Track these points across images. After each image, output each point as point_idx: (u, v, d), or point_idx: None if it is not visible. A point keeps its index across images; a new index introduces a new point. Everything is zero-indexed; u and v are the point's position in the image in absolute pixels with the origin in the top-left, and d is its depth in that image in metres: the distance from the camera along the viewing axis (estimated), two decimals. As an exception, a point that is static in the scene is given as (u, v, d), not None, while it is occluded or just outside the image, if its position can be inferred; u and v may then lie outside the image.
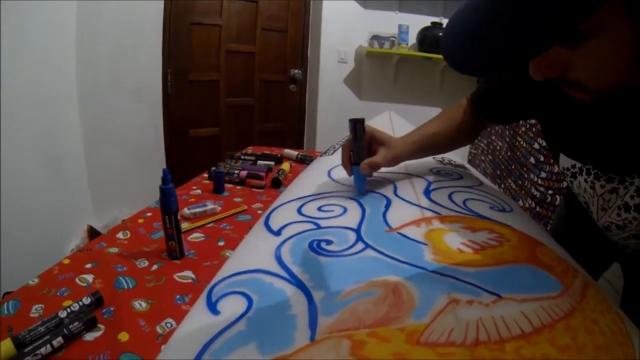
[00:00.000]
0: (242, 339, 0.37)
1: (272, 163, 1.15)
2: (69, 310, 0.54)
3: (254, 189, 0.98)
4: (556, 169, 1.54)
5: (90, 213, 1.68)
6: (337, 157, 0.92)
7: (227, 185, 0.99)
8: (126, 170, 1.73)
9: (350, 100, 2.44)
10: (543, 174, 1.60)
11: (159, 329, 0.54)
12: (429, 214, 0.59)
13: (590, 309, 0.40)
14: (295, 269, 0.45)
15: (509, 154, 1.91)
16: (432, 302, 0.39)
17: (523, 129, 1.77)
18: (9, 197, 1.23)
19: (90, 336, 0.51)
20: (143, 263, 0.70)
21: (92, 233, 1.58)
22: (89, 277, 0.65)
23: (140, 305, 0.59)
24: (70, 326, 0.50)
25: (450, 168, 0.88)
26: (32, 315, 0.56)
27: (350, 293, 0.40)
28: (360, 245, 0.49)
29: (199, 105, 1.92)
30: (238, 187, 1.00)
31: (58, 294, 0.61)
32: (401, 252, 0.47)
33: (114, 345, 0.50)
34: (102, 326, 0.54)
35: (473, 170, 0.95)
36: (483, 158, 2.25)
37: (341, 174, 0.77)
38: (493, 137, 2.09)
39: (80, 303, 0.56)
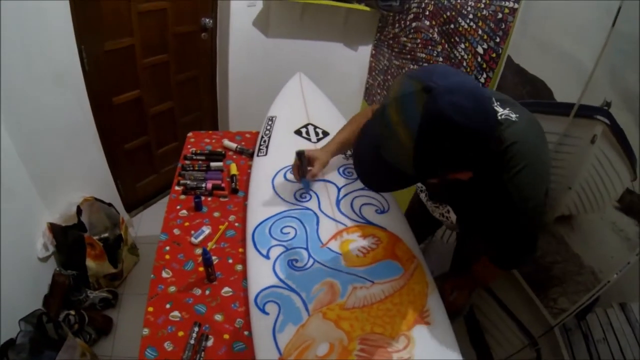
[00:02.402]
0: (282, 325, 0.88)
1: (221, 164, 1.50)
2: (193, 340, 0.91)
3: (221, 199, 1.35)
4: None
5: (44, 211, 1.74)
6: (271, 159, 1.39)
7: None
8: (65, 158, 1.77)
9: (259, 39, 2.60)
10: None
11: (237, 324, 0.96)
12: (340, 226, 1.13)
13: (414, 282, 1.00)
14: (288, 282, 0.98)
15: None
16: (346, 289, 0.97)
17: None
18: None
19: (210, 343, 0.92)
20: (197, 291, 1.03)
21: (55, 228, 1.70)
22: (177, 313, 0.98)
23: (219, 317, 0.98)
24: (202, 343, 0.91)
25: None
26: (168, 349, 0.90)
27: (315, 290, 0.96)
28: (311, 261, 1.03)
29: (118, 72, 1.94)
30: (209, 198, 1.34)
31: (169, 330, 0.94)
32: (330, 262, 1.03)
33: (223, 342, 0.92)
34: (211, 337, 0.93)
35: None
36: (379, 91, 2.70)
37: (280, 181, 1.28)
38: (389, 77, 2.53)
39: (194, 334, 0.93)
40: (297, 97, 1.74)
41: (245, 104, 2.67)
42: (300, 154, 1.16)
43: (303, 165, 1.17)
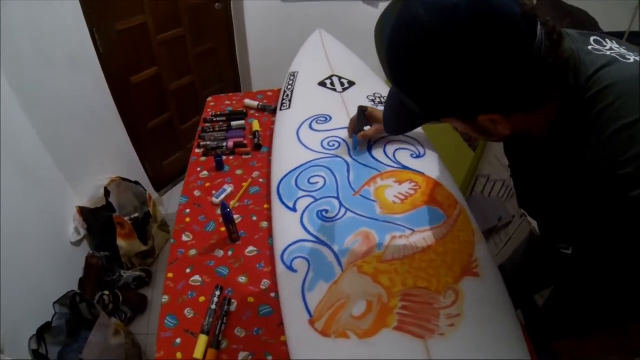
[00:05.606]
0: (312, 283, 0.77)
1: (243, 122, 1.39)
2: (214, 305, 0.82)
3: (243, 157, 1.24)
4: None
5: (73, 195, 1.73)
6: (295, 112, 1.27)
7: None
8: (89, 141, 1.75)
9: (275, 4, 2.47)
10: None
11: (262, 286, 0.86)
12: (374, 172, 0.99)
13: (458, 229, 0.85)
14: (318, 235, 0.85)
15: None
16: (384, 239, 0.82)
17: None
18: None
19: (233, 307, 0.83)
20: (220, 253, 0.94)
21: (84, 211, 1.69)
22: (197, 277, 0.89)
23: (242, 279, 0.88)
24: (225, 308, 0.81)
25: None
26: (188, 316, 0.81)
27: (348, 242, 0.83)
28: (343, 210, 0.90)
29: (133, 51, 1.89)
30: (231, 157, 1.25)
31: (189, 296, 0.85)
32: (364, 210, 0.89)
33: (248, 306, 0.82)
34: (234, 301, 0.84)
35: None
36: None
37: (305, 131, 1.15)
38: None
39: (216, 298, 0.83)
40: (318, 51, 1.60)
41: (268, 72, 2.55)
42: (361, 110, 1.06)
43: (359, 121, 1.06)
